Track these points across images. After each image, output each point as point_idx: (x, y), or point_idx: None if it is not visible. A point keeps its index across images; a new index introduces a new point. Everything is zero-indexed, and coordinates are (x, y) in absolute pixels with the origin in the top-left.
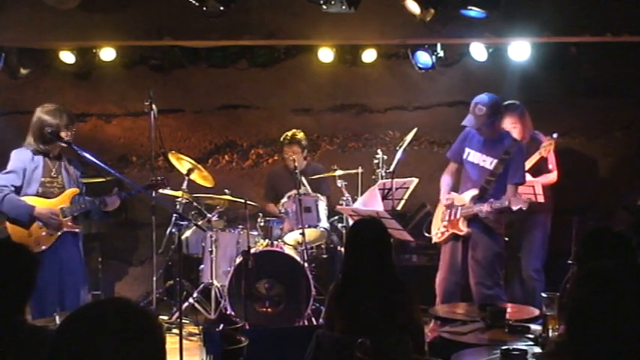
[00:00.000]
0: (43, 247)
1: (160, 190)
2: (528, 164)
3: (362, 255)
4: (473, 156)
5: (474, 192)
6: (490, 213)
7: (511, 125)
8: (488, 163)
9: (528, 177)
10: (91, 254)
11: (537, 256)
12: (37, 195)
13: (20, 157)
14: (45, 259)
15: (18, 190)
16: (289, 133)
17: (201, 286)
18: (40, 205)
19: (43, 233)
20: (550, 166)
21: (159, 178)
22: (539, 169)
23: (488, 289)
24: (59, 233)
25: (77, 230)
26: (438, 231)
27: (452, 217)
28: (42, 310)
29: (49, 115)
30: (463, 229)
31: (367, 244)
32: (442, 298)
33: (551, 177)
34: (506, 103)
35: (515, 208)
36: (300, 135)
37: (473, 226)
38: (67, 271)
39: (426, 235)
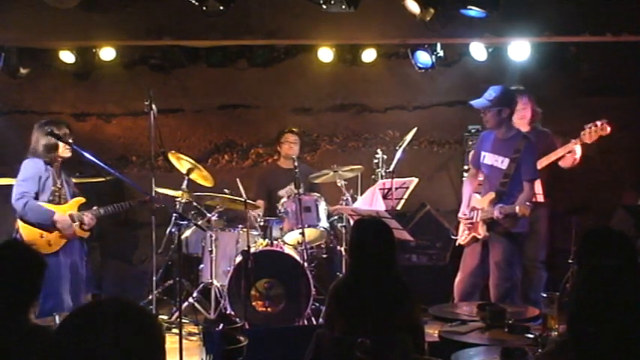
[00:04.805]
0: (54, 249)
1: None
2: (562, 152)
3: (366, 255)
4: (488, 158)
5: (492, 195)
6: (501, 218)
7: (522, 107)
8: (501, 162)
9: None
10: (91, 254)
11: (543, 247)
12: (49, 202)
13: (34, 166)
14: (59, 259)
15: (35, 197)
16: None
17: (201, 285)
18: (56, 210)
19: (56, 236)
20: (577, 156)
21: (148, 195)
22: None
23: (504, 292)
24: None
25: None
26: (463, 233)
27: (473, 221)
28: (55, 307)
29: (49, 125)
30: (481, 232)
31: (372, 243)
32: (459, 298)
33: (569, 161)
34: (512, 88)
35: (520, 214)
36: (296, 129)
37: (492, 229)
38: (78, 273)
39: (452, 237)
